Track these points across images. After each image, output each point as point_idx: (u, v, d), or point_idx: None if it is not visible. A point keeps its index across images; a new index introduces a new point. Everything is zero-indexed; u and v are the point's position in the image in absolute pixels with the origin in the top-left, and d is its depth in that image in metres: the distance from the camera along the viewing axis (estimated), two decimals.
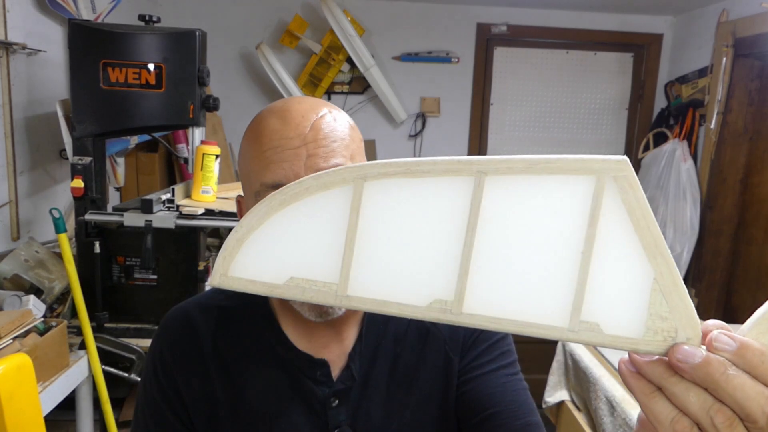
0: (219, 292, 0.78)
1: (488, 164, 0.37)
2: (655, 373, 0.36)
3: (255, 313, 0.75)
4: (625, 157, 0.36)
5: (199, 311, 0.76)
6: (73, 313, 1.74)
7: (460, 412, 0.76)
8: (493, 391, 0.73)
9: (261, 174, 0.63)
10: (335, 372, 0.73)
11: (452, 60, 3.10)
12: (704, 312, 2.78)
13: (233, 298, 0.76)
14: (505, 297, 0.37)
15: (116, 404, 1.96)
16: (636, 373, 0.37)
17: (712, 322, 0.37)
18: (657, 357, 0.36)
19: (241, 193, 0.72)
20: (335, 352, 0.73)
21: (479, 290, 0.37)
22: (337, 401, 0.72)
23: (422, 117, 3.15)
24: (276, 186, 0.60)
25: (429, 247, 0.38)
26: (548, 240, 0.37)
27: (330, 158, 0.62)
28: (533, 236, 0.37)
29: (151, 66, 1.72)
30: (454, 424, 0.76)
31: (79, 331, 1.70)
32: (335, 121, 0.65)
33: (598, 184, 0.35)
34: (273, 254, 0.39)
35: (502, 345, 0.78)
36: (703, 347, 0.36)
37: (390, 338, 0.76)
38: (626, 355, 0.38)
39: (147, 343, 1.79)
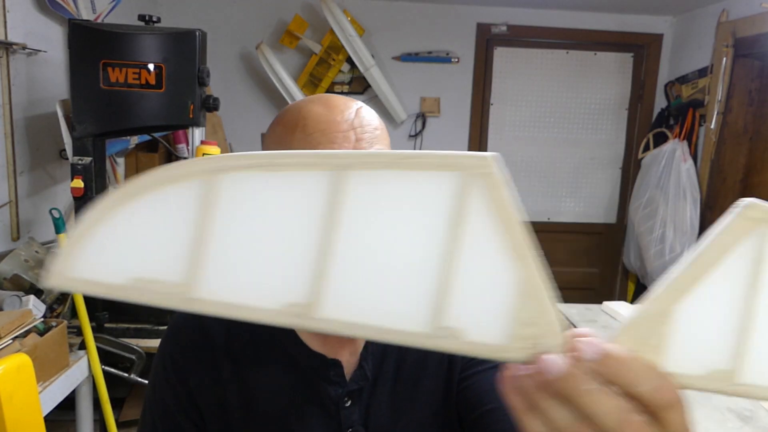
0: None
1: (350, 158, 0.34)
2: (523, 387, 0.34)
3: None
4: (494, 154, 0.33)
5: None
6: (73, 313, 1.74)
7: (460, 408, 0.76)
8: (492, 387, 0.73)
9: None
10: (348, 372, 0.73)
11: (452, 60, 3.10)
12: None
13: None
14: (364, 301, 0.35)
15: (116, 404, 1.96)
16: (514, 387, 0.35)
17: (582, 330, 0.35)
18: (530, 369, 0.34)
19: None
20: (347, 352, 0.74)
21: (337, 293, 0.35)
22: (350, 401, 0.72)
23: (422, 117, 3.15)
24: None
25: (286, 246, 0.35)
26: (411, 240, 0.34)
27: (375, 144, 0.63)
28: (395, 236, 0.34)
29: (151, 66, 1.72)
30: (456, 422, 0.76)
31: (79, 331, 1.70)
32: (371, 112, 0.67)
33: (464, 181, 0.33)
34: (116, 252, 0.35)
35: None
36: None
37: None
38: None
39: (147, 343, 1.79)
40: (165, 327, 1.87)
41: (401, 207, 0.34)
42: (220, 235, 0.35)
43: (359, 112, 0.65)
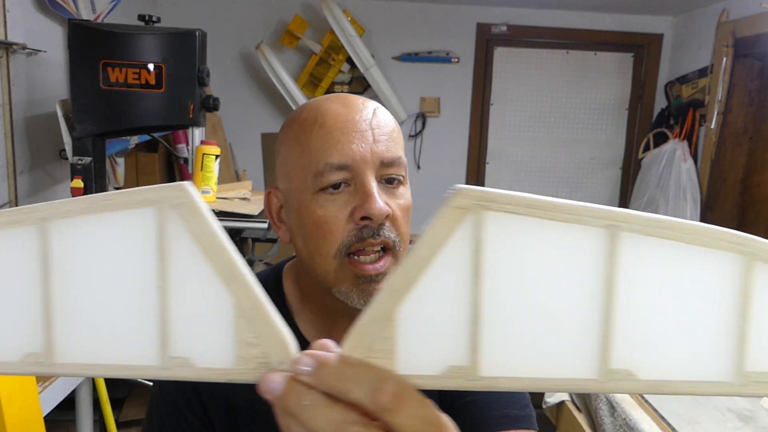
0: None
1: (48, 210, 0.35)
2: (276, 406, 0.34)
3: None
4: (183, 183, 0.34)
5: None
6: None
7: (444, 398, 0.76)
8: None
9: (326, 154, 0.62)
10: None
11: (452, 60, 3.10)
12: None
13: None
14: (96, 343, 0.35)
15: (116, 404, 1.96)
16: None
17: (323, 341, 0.35)
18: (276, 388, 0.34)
19: (268, 188, 0.73)
20: None
21: (68, 339, 0.35)
22: None
23: (422, 117, 3.15)
24: (342, 166, 0.62)
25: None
26: (126, 278, 0.35)
27: (391, 147, 0.64)
28: (111, 276, 0.35)
29: (151, 66, 1.72)
30: (449, 417, 0.77)
31: None
32: (387, 113, 0.68)
33: (160, 214, 0.34)
34: None
35: None
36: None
37: None
38: None
39: None
40: None
41: (105, 247, 0.35)
42: (65, 289, 0.36)
43: (377, 112, 0.66)
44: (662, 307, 0.35)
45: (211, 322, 0.35)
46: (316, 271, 0.65)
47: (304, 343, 0.72)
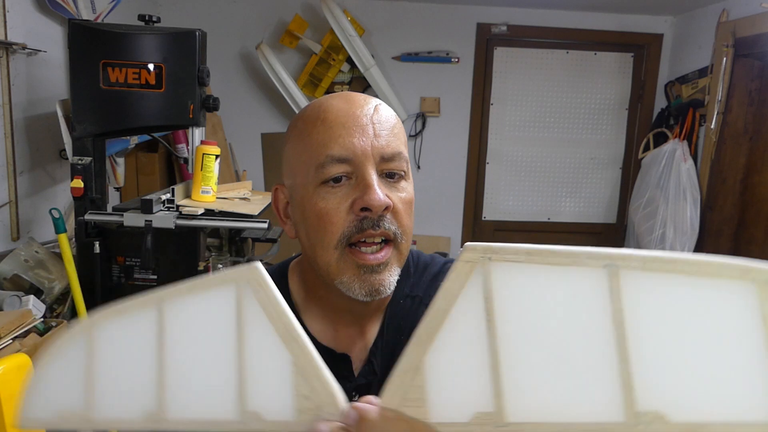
0: None
1: (163, 292, 0.45)
2: None
3: None
4: (255, 264, 0.41)
5: None
6: (73, 313, 1.74)
7: None
8: None
9: (327, 146, 0.64)
10: (357, 366, 0.74)
11: (452, 60, 3.10)
12: None
13: None
14: (195, 400, 0.42)
15: None
16: None
17: (368, 397, 0.39)
18: None
19: (275, 184, 0.73)
20: (357, 347, 0.74)
21: (176, 398, 0.42)
22: (358, 396, 0.73)
23: (422, 117, 3.15)
24: (343, 159, 0.63)
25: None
26: (215, 344, 0.42)
27: (392, 143, 0.65)
28: (204, 342, 0.42)
29: (151, 66, 1.72)
30: None
31: None
32: (389, 110, 0.69)
33: (238, 290, 0.41)
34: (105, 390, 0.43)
35: None
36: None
37: (409, 333, 0.76)
38: None
39: None
40: None
41: (203, 320, 0.42)
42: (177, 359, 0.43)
43: (378, 108, 0.67)
44: (682, 344, 0.34)
45: (276, 378, 0.41)
46: (319, 263, 0.66)
47: (313, 341, 0.72)
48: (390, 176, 0.66)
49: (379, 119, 0.65)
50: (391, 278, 0.67)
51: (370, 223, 0.63)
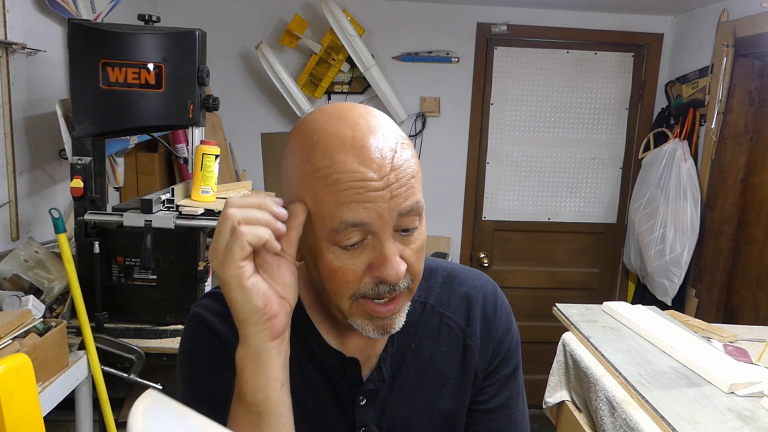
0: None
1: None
2: None
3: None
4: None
5: (223, 319, 0.74)
6: (73, 313, 1.74)
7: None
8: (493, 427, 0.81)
9: (341, 212, 0.60)
10: (365, 371, 0.74)
11: (452, 60, 3.10)
12: (705, 312, 2.78)
13: None
14: None
15: (116, 404, 1.96)
16: None
17: None
18: None
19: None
20: (367, 353, 0.75)
21: None
22: (365, 400, 0.74)
23: (422, 117, 3.15)
24: (359, 225, 0.60)
25: None
26: None
27: (410, 197, 0.62)
28: None
29: (150, 66, 1.72)
30: None
31: (78, 332, 1.70)
32: (407, 152, 0.64)
33: None
34: None
35: (515, 357, 0.83)
36: None
37: (420, 342, 0.78)
38: None
39: (147, 343, 1.79)
40: (164, 327, 1.87)
41: None
42: None
43: (395, 162, 0.61)
44: None
45: None
46: (330, 303, 0.67)
47: (321, 343, 0.73)
48: (406, 231, 0.64)
49: (396, 176, 0.60)
50: (402, 318, 0.68)
51: (386, 288, 0.63)
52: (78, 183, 1.74)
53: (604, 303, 2.00)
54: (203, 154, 1.84)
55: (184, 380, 0.76)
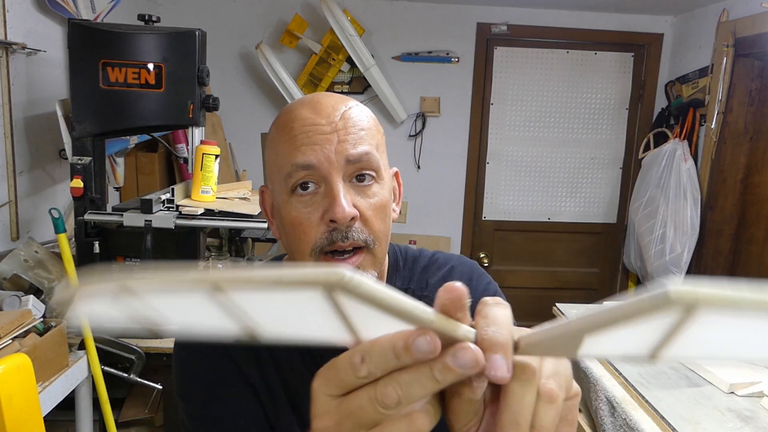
0: None
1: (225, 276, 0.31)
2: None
3: None
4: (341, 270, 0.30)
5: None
6: None
7: None
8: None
9: (292, 155, 0.65)
10: None
11: (452, 60, 3.10)
12: None
13: None
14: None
15: (116, 404, 1.96)
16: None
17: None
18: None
19: (261, 185, 0.76)
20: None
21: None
22: None
23: (422, 117, 3.15)
24: (307, 166, 0.64)
25: None
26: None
27: (358, 145, 0.65)
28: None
29: (150, 66, 1.72)
30: None
31: (78, 331, 1.70)
32: (362, 112, 0.69)
33: (329, 299, 0.31)
34: None
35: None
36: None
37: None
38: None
39: (146, 343, 1.78)
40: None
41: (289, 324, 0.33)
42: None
43: (346, 114, 0.67)
44: None
45: None
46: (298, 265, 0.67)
47: None
48: (360, 179, 0.66)
49: (345, 125, 0.65)
50: None
51: (339, 235, 0.64)
52: (78, 183, 1.74)
53: (604, 303, 2.00)
54: (203, 154, 1.84)
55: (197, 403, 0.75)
